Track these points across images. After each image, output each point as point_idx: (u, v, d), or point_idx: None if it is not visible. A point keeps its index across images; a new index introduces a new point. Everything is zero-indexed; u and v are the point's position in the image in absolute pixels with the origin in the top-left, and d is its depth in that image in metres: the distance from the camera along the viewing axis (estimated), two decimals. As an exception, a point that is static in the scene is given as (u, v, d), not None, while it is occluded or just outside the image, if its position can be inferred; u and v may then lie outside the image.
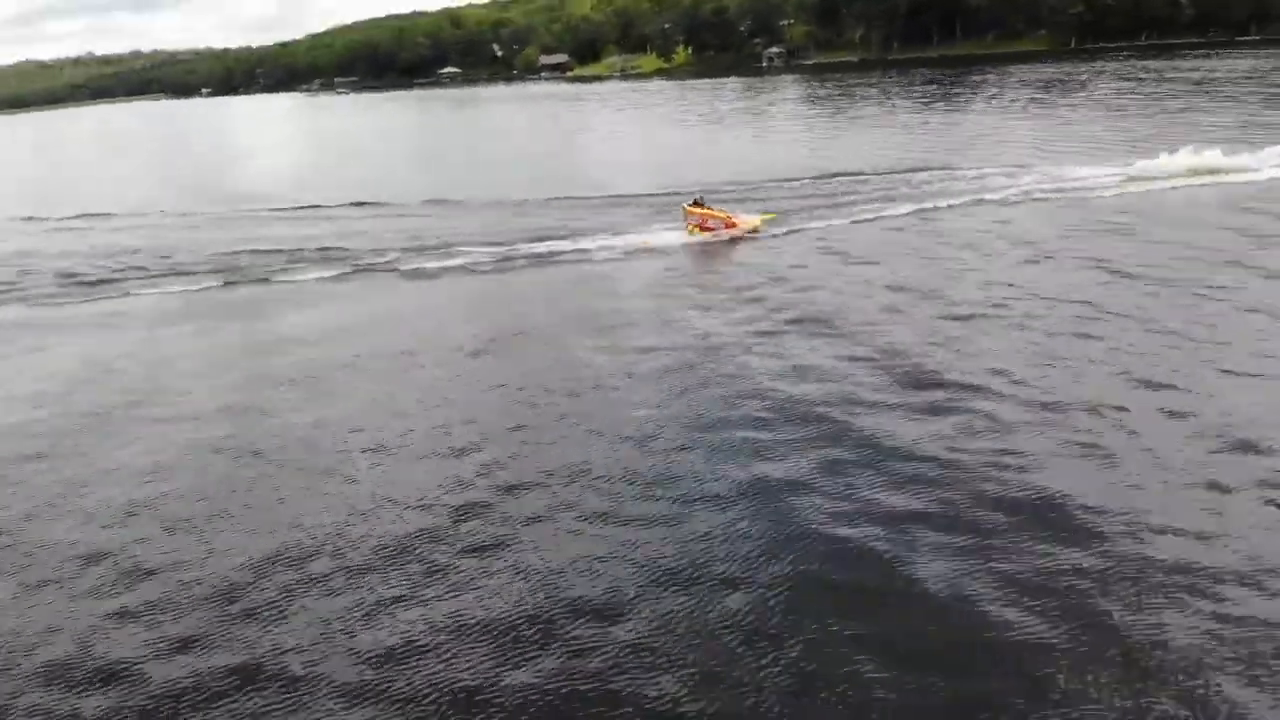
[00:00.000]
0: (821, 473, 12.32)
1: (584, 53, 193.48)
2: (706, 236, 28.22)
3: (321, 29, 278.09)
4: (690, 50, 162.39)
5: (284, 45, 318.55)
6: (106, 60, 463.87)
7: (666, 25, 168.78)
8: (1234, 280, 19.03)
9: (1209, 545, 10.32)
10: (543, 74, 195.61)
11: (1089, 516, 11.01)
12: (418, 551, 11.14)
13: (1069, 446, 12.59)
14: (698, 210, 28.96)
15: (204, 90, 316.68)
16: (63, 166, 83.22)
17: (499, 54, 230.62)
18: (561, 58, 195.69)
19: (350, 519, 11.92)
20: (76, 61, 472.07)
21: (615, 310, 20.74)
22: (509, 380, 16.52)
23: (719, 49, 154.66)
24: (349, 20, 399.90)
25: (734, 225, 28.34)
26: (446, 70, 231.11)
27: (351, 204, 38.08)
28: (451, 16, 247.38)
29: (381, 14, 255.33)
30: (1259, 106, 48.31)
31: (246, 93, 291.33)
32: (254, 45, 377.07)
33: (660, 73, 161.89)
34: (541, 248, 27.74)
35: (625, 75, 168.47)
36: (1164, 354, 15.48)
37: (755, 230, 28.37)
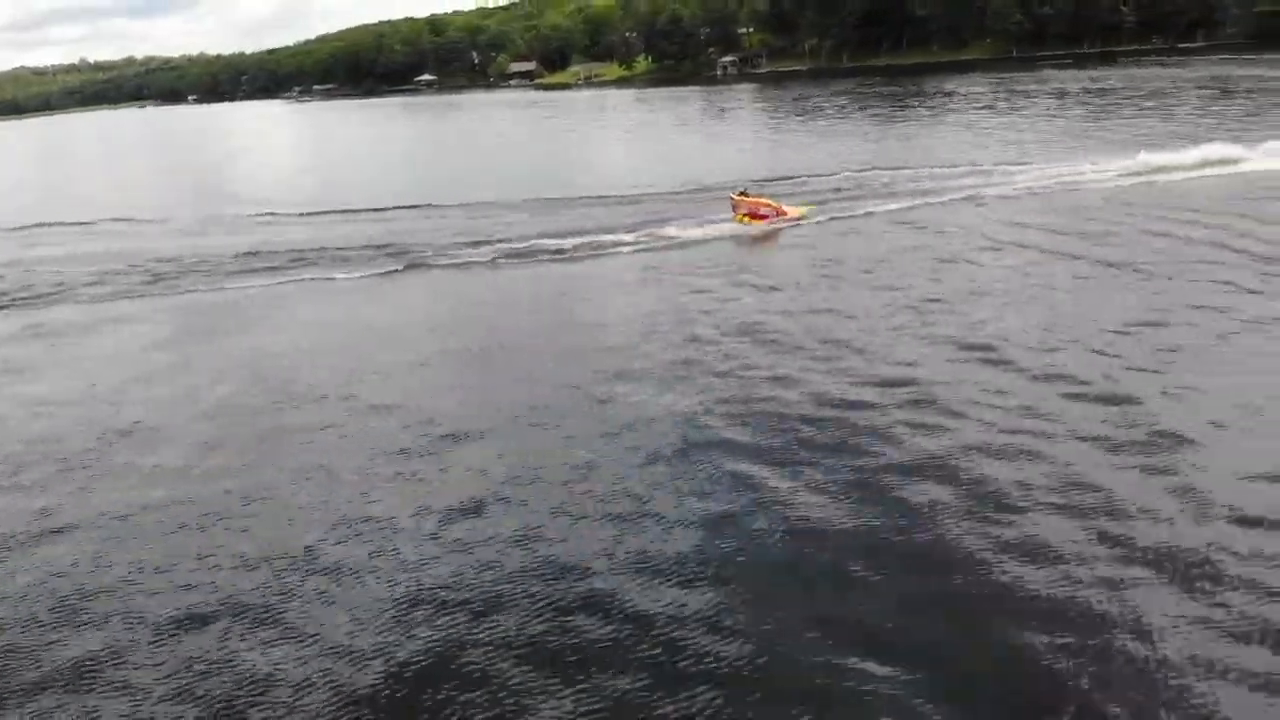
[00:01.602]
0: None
1: (554, 60, 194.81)
2: (762, 225, 29.85)
3: (325, 31, 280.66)
4: (650, 59, 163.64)
5: (270, 52, 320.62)
6: (100, 67, 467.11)
7: (629, 34, 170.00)
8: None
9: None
10: (512, 81, 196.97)
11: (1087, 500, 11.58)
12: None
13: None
14: (747, 199, 30.65)
15: (190, 97, 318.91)
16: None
17: (477, 61, 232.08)
18: (530, 65, 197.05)
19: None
20: (70, 68, 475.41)
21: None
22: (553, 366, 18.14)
23: (677, 57, 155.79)
24: (350, 24, 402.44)
25: (784, 213, 30.24)
26: (424, 77, 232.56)
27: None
28: (431, 24, 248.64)
29: (376, 18, 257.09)
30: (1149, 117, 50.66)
31: (231, 99, 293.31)
32: (247, 51, 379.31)
33: (622, 81, 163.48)
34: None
35: (589, 83, 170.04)
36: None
37: (802, 218, 30.29)
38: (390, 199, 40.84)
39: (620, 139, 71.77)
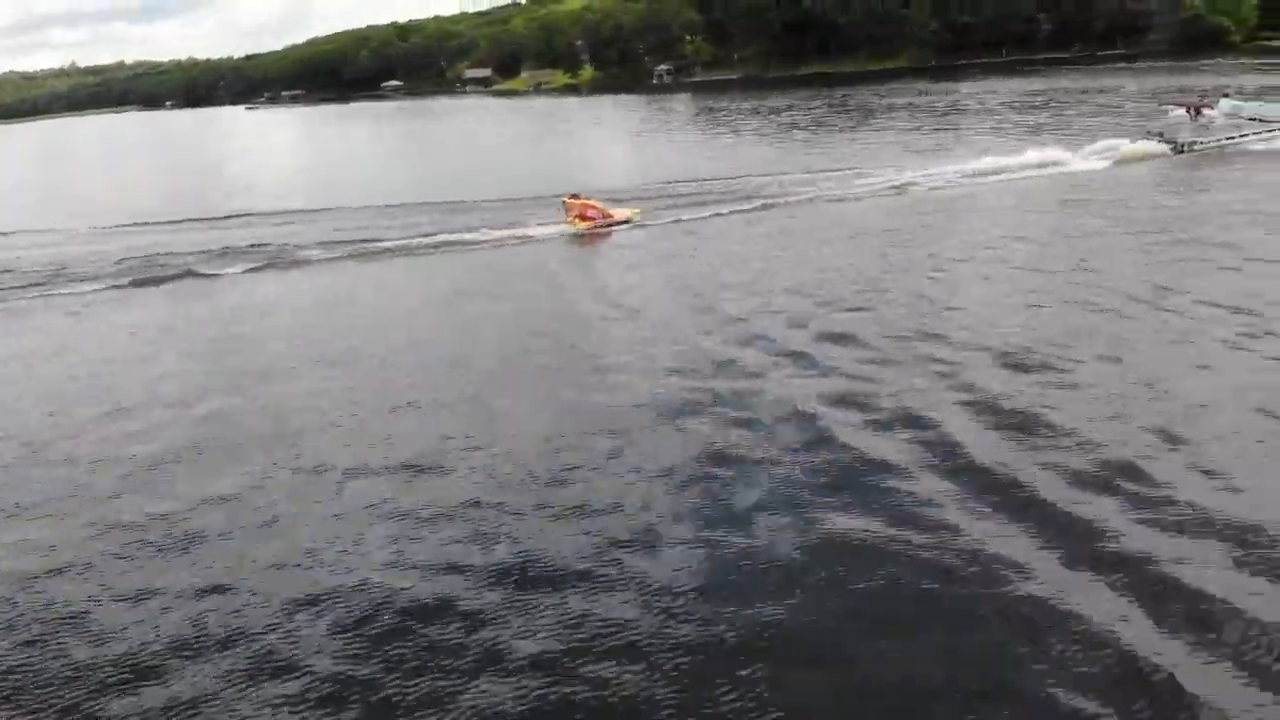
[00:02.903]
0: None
1: (509, 67, 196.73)
2: (587, 226, 32.34)
3: (317, 35, 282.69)
4: (594, 67, 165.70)
5: (249, 57, 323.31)
6: (90, 71, 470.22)
7: (578, 42, 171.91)
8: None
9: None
10: (467, 87, 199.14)
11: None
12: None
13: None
14: (577, 203, 32.99)
15: (168, 103, 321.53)
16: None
17: (444, 67, 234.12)
18: (485, 72, 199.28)
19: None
20: (59, 73, 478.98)
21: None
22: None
23: (619, 65, 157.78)
24: (347, 28, 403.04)
25: (610, 216, 32.72)
26: (391, 83, 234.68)
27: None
28: (400, 30, 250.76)
29: (367, 23, 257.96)
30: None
31: (208, 105, 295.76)
32: (235, 55, 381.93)
33: (568, 88, 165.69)
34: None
35: (538, 89, 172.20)
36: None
37: (628, 221, 32.88)
38: (276, 203, 43.91)
39: (524, 145, 75.78)
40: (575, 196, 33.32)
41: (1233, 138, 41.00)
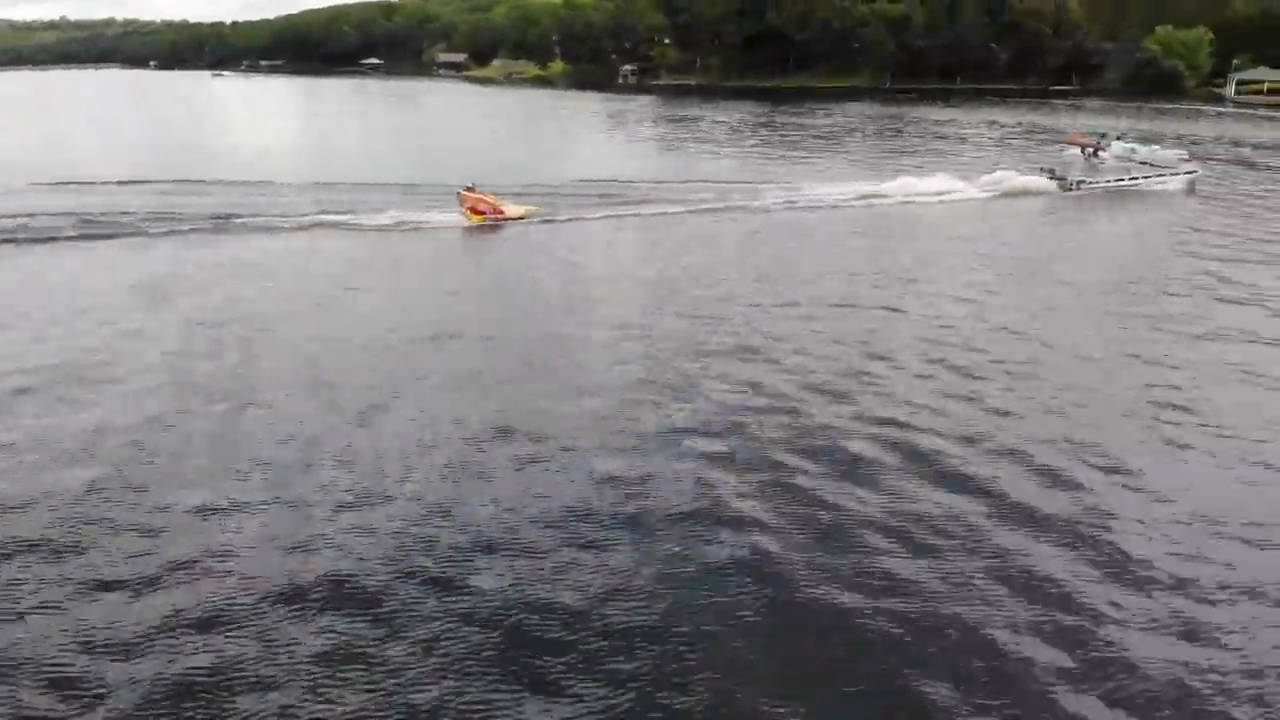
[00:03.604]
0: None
1: (486, 54, 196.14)
2: (479, 220, 32.59)
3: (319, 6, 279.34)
4: (564, 62, 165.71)
5: (234, 24, 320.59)
6: (80, 26, 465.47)
7: (555, 37, 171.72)
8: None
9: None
10: (441, 71, 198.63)
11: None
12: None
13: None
14: (471, 195, 33.09)
15: (152, 63, 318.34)
16: None
17: (423, 49, 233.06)
18: (459, 57, 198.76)
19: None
20: (49, 25, 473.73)
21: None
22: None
23: (588, 62, 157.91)
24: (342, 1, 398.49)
25: (501, 212, 32.78)
26: (369, 61, 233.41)
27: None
28: (384, 8, 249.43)
29: None
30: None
31: (189, 68, 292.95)
32: (231, 21, 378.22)
33: (539, 80, 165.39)
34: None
35: (509, 79, 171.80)
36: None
37: (522, 217, 33.15)
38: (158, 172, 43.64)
39: (461, 131, 76.15)
40: (471, 189, 33.55)
41: (1121, 179, 42.21)
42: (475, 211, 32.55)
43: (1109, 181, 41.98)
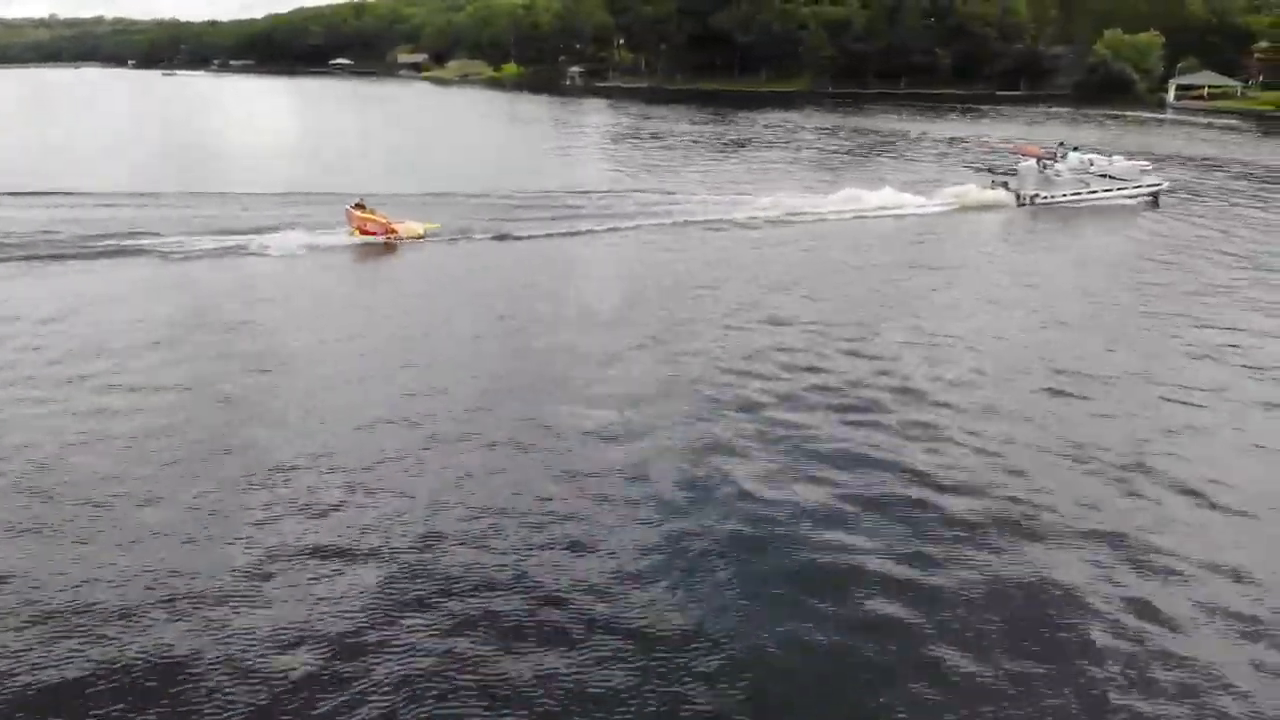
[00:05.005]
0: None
1: (446, 55, 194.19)
2: (366, 239, 30.07)
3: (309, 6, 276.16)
4: (517, 63, 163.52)
5: (212, 24, 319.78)
6: (69, 24, 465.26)
7: (511, 38, 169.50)
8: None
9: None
10: (402, 71, 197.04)
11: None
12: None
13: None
14: (358, 215, 30.50)
15: (130, 62, 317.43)
16: None
17: (389, 49, 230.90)
18: (419, 58, 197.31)
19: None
20: (40, 23, 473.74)
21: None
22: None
23: (538, 63, 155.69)
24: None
25: (394, 231, 30.26)
26: (339, 61, 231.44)
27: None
28: (354, 9, 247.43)
29: None
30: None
31: (166, 67, 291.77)
32: (224, 19, 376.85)
33: (491, 81, 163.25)
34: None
35: (463, 79, 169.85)
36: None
37: (419, 237, 30.57)
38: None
39: (388, 136, 72.87)
40: (360, 206, 30.94)
41: (1079, 193, 39.33)
42: (364, 231, 30.11)
43: (1066, 196, 39.15)
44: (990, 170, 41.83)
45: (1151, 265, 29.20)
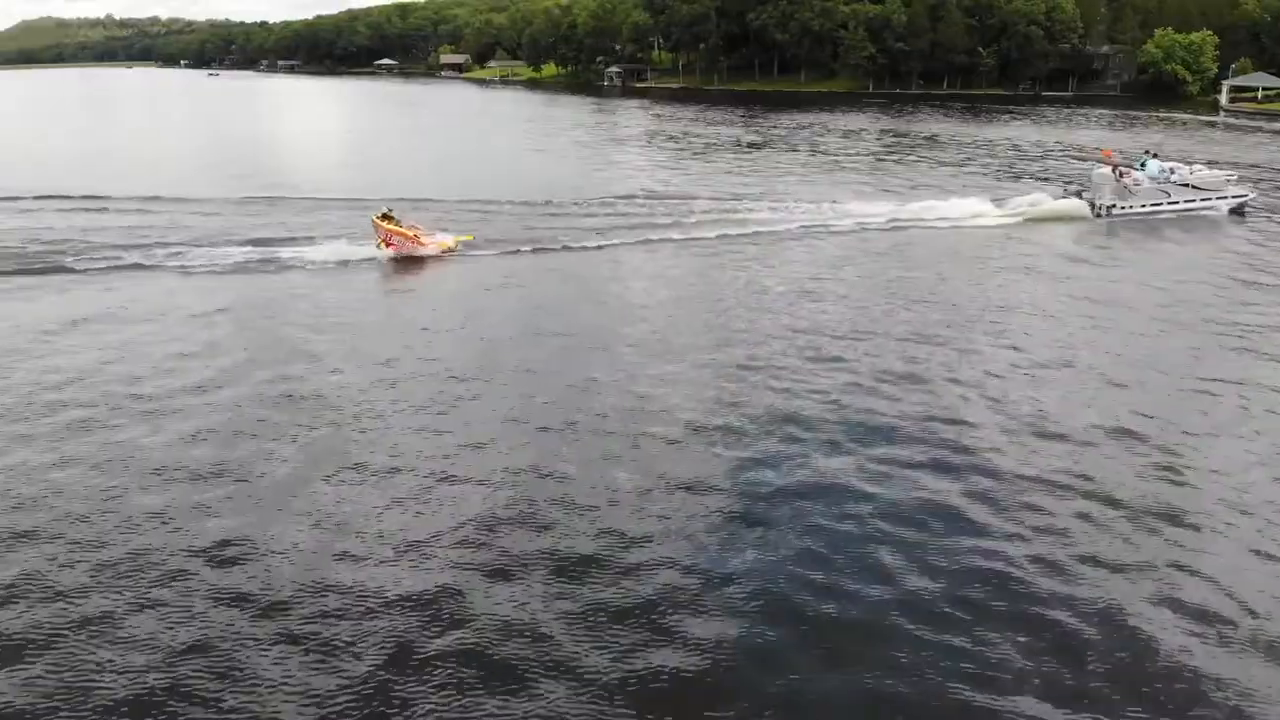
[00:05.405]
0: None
1: (488, 55, 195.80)
2: (392, 252, 28.44)
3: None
4: (556, 64, 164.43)
5: (262, 24, 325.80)
6: (123, 24, 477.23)
7: (552, 39, 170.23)
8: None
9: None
10: (444, 73, 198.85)
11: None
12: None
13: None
14: (384, 226, 28.68)
15: (183, 62, 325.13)
16: None
17: (431, 50, 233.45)
18: (461, 58, 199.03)
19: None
20: (95, 23, 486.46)
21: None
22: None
23: (576, 63, 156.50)
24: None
25: (422, 244, 28.41)
26: (384, 62, 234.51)
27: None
28: (399, 9, 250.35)
29: None
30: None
31: (213, 68, 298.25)
32: (275, 21, 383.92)
33: (532, 82, 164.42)
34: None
35: (505, 81, 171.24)
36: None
37: (450, 250, 28.91)
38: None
39: (423, 138, 72.78)
40: (387, 217, 28.85)
41: (1159, 204, 37.18)
42: (389, 244, 28.43)
43: (1145, 206, 36.91)
44: (1073, 186, 39.42)
45: (1244, 287, 26.56)
